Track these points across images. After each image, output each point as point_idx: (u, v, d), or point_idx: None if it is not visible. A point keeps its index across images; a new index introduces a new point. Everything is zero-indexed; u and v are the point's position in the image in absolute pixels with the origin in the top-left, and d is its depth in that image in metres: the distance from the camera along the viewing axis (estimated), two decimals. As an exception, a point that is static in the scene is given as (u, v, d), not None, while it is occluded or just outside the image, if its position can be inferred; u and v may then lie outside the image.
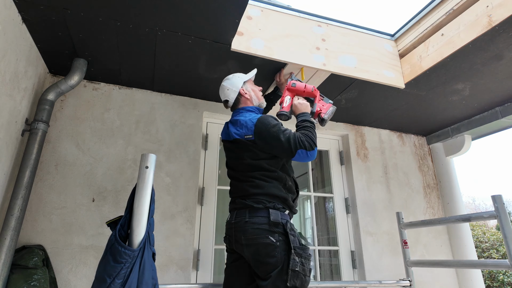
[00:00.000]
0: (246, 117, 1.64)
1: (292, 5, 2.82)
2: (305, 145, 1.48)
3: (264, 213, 1.45)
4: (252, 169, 1.56)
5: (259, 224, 1.42)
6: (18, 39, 1.71)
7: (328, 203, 3.14)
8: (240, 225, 1.47)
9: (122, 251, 1.10)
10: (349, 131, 3.03)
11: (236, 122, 1.66)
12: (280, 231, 1.41)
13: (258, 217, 1.44)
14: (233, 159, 1.67)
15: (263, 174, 1.54)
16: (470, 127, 2.93)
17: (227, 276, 1.59)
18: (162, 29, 1.79)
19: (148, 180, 1.19)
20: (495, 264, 1.90)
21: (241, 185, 1.57)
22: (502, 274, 5.43)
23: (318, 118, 1.82)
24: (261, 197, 1.49)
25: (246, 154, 1.58)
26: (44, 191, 1.99)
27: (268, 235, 1.40)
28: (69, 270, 1.89)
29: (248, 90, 1.78)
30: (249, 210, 1.47)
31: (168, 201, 2.23)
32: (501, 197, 1.80)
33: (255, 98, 1.79)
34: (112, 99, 2.35)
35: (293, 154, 1.48)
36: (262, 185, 1.51)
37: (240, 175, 1.60)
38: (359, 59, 2.25)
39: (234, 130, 1.64)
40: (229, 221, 1.57)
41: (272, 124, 1.54)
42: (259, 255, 1.40)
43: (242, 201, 1.52)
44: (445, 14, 2.07)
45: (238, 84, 1.76)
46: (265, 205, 1.46)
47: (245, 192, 1.53)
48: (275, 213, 1.45)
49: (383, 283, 2.25)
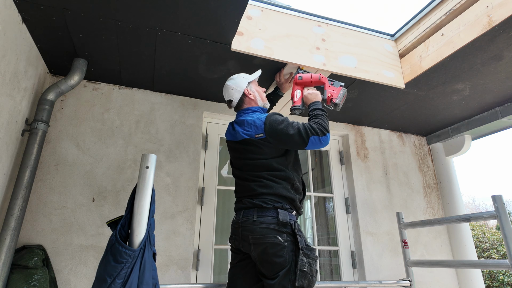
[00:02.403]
0: (253, 116, 1.63)
1: (292, 5, 2.82)
2: (317, 132, 1.50)
3: (273, 212, 1.44)
4: (261, 169, 1.55)
5: (267, 223, 1.42)
6: (18, 39, 1.71)
7: (328, 203, 3.14)
8: (247, 224, 1.46)
9: (123, 251, 1.10)
10: (349, 131, 3.03)
11: (242, 122, 1.65)
12: (288, 231, 1.41)
13: (266, 217, 1.44)
14: (239, 159, 1.66)
15: (271, 174, 1.53)
16: (470, 127, 2.93)
17: (232, 276, 1.58)
18: (162, 29, 1.79)
19: (148, 180, 1.20)
20: (495, 264, 1.90)
21: (248, 184, 1.56)
22: (502, 274, 5.43)
23: (331, 103, 1.83)
24: (269, 197, 1.48)
25: (255, 153, 1.57)
26: (44, 191, 1.99)
27: (276, 234, 1.40)
28: (69, 270, 1.89)
29: (253, 91, 1.78)
30: (257, 209, 1.47)
31: (168, 201, 2.23)
32: (501, 197, 1.80)
33: (259, 99, 1.79)
34: (112, 99, 2.35)
35: (306, 143, 1.50)
36: (270, 185, 1.51)
37: (248, 175, 1.58)
38: (359, 59, 2.25)
39: (242, 130, 1.62)
40: (235, 221, 1.55)
41: (280, 120, 1.55)
42: (267, 254, 1.39)
43: (250, 200, 1.51)
44: (445, 14, 2.07)
45: (242, 84, 1.75)
46: (273, 205, 1.46)
47: (252, 192, 1.52)
48: (284, 213, 1.45)
49: (383, 283, 2.24)
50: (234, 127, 1.70)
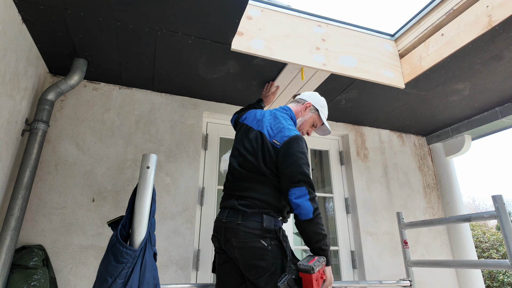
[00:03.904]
0: (287, 123, 1.58)
1: (292, 5, 2.82)
2: (312, 194, 1.37)
3: (257, 218, 1.40)
4: (258, 171, 1.49)
5: (251, 228, 1.38)
6: (18, 39, 1.71)
7: (328, 203, 3.14)
8: (231, 226, 1.42)
9: (124, 251, 1.10)
10: (349, 131, 3.03)
11: (276, 118, 1.61)
12: (272, 237, 1.39)
13: (251, 221, 1.40)
14: (242, 151, 1.58)
15: (265, 179, 1.47)
16: (470, 127, 2.93)
17: (218, 278, 1.55)
18: (162, 29, 1.79)
19: (149, 180, 1.20)
20: (495, 264, 1.90)
21: (240, 183, 1.52)
22: (502, 274, 5.43)
23: None
24: (257, 202, 1.44)
25: (259, 153, 1.51)
26: (44, 191, 1.99)
27: (259, 239, 1.37)
28: (69, 270, 1.89)
29: (308, 115, 1.75)
30: (242, 213, 1.42)
31: (168, 201, 2.22)
32: (502, 197, 1.80)
33: (301, 122, 1.73)
34: (112, 99, 2.35)
35: (295, 185, 1.37)
36: (261, 190, 1.46)
37: (243, 174, 1.52)
38: (359, 59, 2.25)
39: (268, 124, 1.58)
40: (219, 219, 1.50)
41: (303, 150, 1.46)
42: (250, 257, 1.36)
43: (236, 201, 1.46)
44: (445, 14, 2.07)
45: (314, 102, 1.76)
46: (259, 210, 1.42)
47: (242, 192, 1.48)
48: (269, 219, 1.41)
49: (383, 283, 2.24)
50: (261, 118, 1.65)
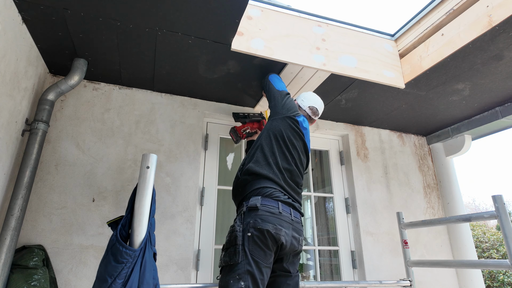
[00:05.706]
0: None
1: (292, 5, 2.81)
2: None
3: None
4: (302, 179, 1.80)
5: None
6: (18, 39, 1.71)
7: (328, 203, 3.14)
8: (299, 222, 1.66)
9: (123, 251, 1.10)
10: (349, 131, 3.03)
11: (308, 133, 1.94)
12: None
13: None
14: (302, 158, 1.81)
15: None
16: (470, 127, 2.93)
17: (274, 284, 1.61)
18: (162, 29, 1.79)
19: (149, 180, 1.20)
20: (495, 264, 1.90)
21: (298, 186, 1.76)
22: (502, 274, 5.44)
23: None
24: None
25: (306, 166, 1.85)
26: (44, 191, 1.99)
27: None
28: (69, 270, 1.89)
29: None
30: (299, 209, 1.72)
31: (168, 201, 2.22)
32: (502, 197, 1.80)
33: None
34: (112, 99, 2.35)
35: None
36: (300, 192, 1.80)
37: (300, 177, 1.77)
38: (359, 59, 2.25)
39: (308, 140, 1.91)
40: (286, 215, 1.56)
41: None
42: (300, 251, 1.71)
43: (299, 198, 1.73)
44: (445, 14, 2.07)
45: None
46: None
47: (300, 195, 1.77)
48: None
49: (383, 283, 2.24)
50: (306, 128, 1.90)
